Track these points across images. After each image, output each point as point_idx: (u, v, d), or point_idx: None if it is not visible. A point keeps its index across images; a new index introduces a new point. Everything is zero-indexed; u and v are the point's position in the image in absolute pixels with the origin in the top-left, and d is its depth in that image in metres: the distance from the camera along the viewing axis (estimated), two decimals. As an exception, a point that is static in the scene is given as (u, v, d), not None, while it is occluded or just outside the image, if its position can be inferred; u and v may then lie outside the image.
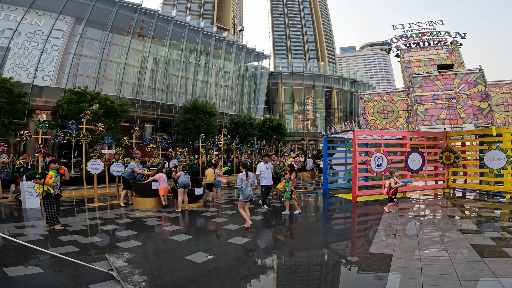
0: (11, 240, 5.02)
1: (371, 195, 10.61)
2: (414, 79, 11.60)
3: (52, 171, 6.59)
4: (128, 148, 13.98)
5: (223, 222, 7.30)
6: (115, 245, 5.42)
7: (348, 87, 54.27)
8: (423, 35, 14.55)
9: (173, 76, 35.91)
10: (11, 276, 3.81)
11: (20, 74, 24.22)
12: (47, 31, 26.96)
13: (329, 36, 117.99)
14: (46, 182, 6.47)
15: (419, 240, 5.54)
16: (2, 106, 18.21)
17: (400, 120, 13.19)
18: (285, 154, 12.75)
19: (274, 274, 4.31)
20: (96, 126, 11.25)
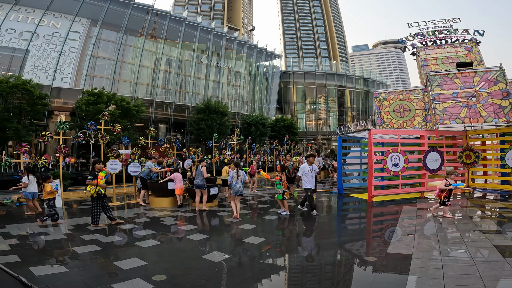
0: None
1: (387, 195, 10.44)
2: (432, 77, 11.33)
3: (102, 172, 6.86)
4: (144, 148, 14.21)
5: (237, 221, 7.34)
6: (134, 244, 5.53)
7: (361, 86, 53.47)
8: (440, 33, 14.25)
9: (185, 77, 36.30)
10: (37, 276, 3.92)
11: (39, 76, 24.98)
12: (64, 33, 27.69)
13: (340, 34, 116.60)
14: (98, 183, 6.71)
15: (439, 241, 5.42)
16: (23, 108, 18.82)
17: (417, 119, 12.90)
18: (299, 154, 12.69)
19: (290, 273, 4.30)
20: (113, 126, 11.50)
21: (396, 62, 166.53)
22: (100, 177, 6.79)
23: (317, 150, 38.39)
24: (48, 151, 22.82)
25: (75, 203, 10.18)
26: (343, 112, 52.65)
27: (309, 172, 8.13)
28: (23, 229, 6.55)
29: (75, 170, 19.96)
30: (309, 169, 8.16)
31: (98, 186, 6.72)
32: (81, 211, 9.00)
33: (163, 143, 15.58)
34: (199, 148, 22.75)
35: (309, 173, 8.12)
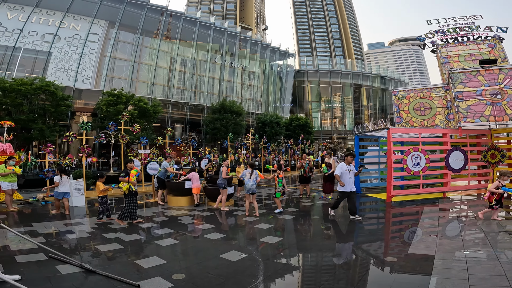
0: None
1: (407, 195, 10.19)
2: (454, 74, 10.96)
3: (133, 170, 7.12)
4: (162, 148, 14.49)
5: (254, 221, 7.36)
6: (154, 242, 5.64)
7: (378, 84, 52.38)
8: (461, 30, 13.87)
9: (200, 77, 36.69)
10: (63, 274, 4.04)
11: (62, 78, 25.84)
12: (84, 35, 28.53)
13: (355, 32, 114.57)
14: (130, 180, 6.97)
15: (463, 241, 5.26)
16: (47, 109, 19.56)
17: (439, 117, 12.52)
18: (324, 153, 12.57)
19: (307, 273, 4.27)
20: (133, 127, 11.77)
21: (415, 59, 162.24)
22: (131, 175, 7.03)
23: (333, 149, 37.90)
24: (71, 151, 23.62)
25: (97, 202, 10.48)
26: (359, 110, 51.74)
27: (347, 172, 7.44)
28: (49, 227, 6.80)
29: (97, 169, 20.57)
30: (346, 168, 7.47)
31: (130, 183, 6.96)
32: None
33: (180, 142, 15.82)
34: (215, 148, 22.96)
35: (346, 173, 7.44)
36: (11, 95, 17.82)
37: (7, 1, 25.60)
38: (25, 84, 18.41)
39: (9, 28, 25.47)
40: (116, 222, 7.02)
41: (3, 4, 25.39)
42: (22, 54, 25.56)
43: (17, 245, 5.36)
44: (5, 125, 9.98)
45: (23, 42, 25.68)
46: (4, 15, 25.52)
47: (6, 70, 23.89)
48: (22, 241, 5.55)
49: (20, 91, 17.98)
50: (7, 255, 4.76)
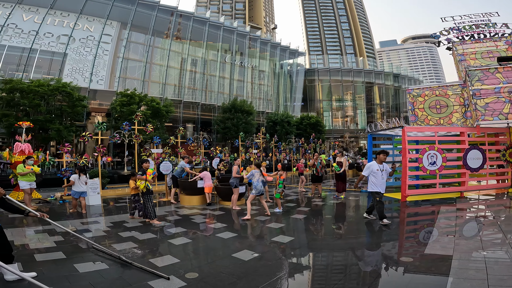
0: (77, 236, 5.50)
1: (422, 195, 9.97)
2: (471, 72, 10.65)
3: (150, 169, 7.33)
4: (174, 148, 14.64)
5: (266, 220, 7.34)
6: (167, 241, 5.70)
7: (391, 82, 51.48)
8: (477, 27, 13.56)
9: (211, 76, 36.91)
10: (81, 272, 4.12)
11: (77, 79, 26.43)
12: (97, 36, 29.10)
13: (366, 30, 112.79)
14: (147, 178, 7.15)
15: (481, 241, 5.12)
16: (64, 110, 20.06)
17: (456, 115, 12.20)
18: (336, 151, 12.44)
19: (321, 273, 4.22)
20: (146, 126, 11.94)
21: (429, 57, 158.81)
22: (148, 173, 7.18)
23: (345, 148, 37.46)
24: (87, 150, 24.16)
25: (112, 201, 10.68)
26: (372, 109, 50.99)
27: (379, 172, 6.66)
28: (66, 226, 6.96)
29: (111, 168, 20.97)
30: (378, 168, 6.68)
31: (147, 181, 7.14)
32: (118, 208, 9.43)
33: (192, 142, 15.96)
34: (226, 147, 23.04)
35: (378, 173, 6.65)
36: (29, 96, 18.34)
37: (22, 2, 26.25)
38: (42, 85, 18.91)
39: (25, 29, 26.17)
40: (148, 223, 7.08)
41: (18, 6, 26.07)
42: (38, 55, 26.27)
43: (36, 243, 5.50)
44: (24, 126, 10.29)
45: (39, 43, 26.34)
46: (20, 17, 26.22)
47: (24, 72, 24.61)
48: (40, 240, 5.71)
49: (37, 92, 18.48)
50: (26, 254, 4.90)
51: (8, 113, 17.88)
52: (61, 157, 11.06)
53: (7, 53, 24.96)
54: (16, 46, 25.49)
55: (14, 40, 25.55)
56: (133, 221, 7.47)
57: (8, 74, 23.00)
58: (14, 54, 25.35)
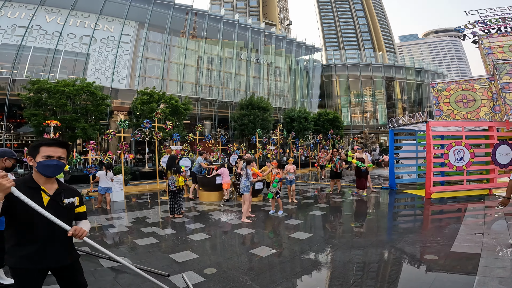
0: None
1: (448, 192, 9.59)
2: (499, 65, 10.15)
3: (182, 166, 7.78)
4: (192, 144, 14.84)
5: (283, 217, 7.30)
6: (186, 237, 5.77)
7: (412, 77, 49.75)
8: (503, 20, 12.97)
9: (227, 74, 37.09)
10: (105, 267, 4.26)
11: (100, 79, 27.30)
12: (117, 36, 29.88)
13: (384, 24, 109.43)
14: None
15: (511, 240, 4.85)
16: (88, 109, 20.80)
17: (484, 109, 11.61)
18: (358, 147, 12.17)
19: (338, 270, 4.14)
20: (165, 124, 12.16)
21: (453, 51, 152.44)
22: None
23: (365, 144, 36.67)
24: (110, 148, 24.97)
25: (134, 197, 10.99)
26: (393, 104, 49.52)
27: None
28: (92, 221, 7.22)
29: (133, 165, 21.55)
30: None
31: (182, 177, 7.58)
32: (139, 204, 9.68)
33: (210, 139, 16.14)
34: (243, 144, 23.11)
35: None
36: (56, 96, 19.10)
37: (44, 3, 27.27)
38: (68, 85, 19.64)
39: (49, 31, 27.19)
40: (176, 217, 7.35)
41: (41, 7, 27.09)
42: (63, 56, 27.29)
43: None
44: (52, 124, 10.74)
45: (63, 44, 27.32)
46: (43, 18, 27.25)
47: (50, 72, 25.66)
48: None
49: (64, 92, 19.21)
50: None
51: (37, 113, 18.70)
52: (87, 154, 11.47)
53: (33, 54, 26.07)
54: (41, 47, 26.51)
55: (39, 42, 26.60)
56: (154, 217, 7.64)
57: (35, 75, 24.05)
58: (40, 55, 26.41)
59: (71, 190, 2.40)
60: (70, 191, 2.37)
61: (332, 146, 26.16)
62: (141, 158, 23.80)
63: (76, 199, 2.37)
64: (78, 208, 2.38)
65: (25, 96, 19.20)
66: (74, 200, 2.35)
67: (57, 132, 11.17)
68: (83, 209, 2.43)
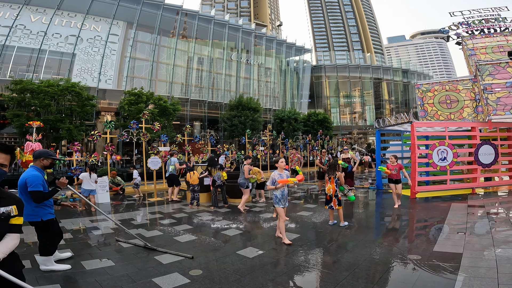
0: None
1: (432, 191, 9.80)
2: (482, 66, 10.43)
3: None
4: (181, 145, 14.71)
5: (271, 218, 7.31)
6: (173, 239, 5.71)
7: (399, 78, 50.70)
8: (486, 21, 13.34)
9: (217, 74, 36.97)
10: (87, 270, 4.19)
11: (86, 79, 26.80)
12: (105, 36, 29.40)
13: (373, 26, 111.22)
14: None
15: (493, 239, 4.98)
16: (73, 109, 20.39)
17: (467, 110, 11.94)
18: (345, 147, 12.32)
19: (326, 270, 4.17)
20: (153, 125, 12.03)
21: (439, 52, 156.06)
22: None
23: (352, 144, 37.14)
24: (96, 149, 24.53)
25: (121, 199, 10.80)
26: (381, 105, 50.34)
27: None
28: (76, 223, 7.07)
29: (121, 167, 21.23)
30: None
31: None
32: (126, 206, 9.53)
33: (199, 140, 16.04)
34: (233, 144, 23.07)
35: None
36: (39, 96, 18.65)
37: (29, 3, 26.61)
38: (52, 86, 19.21)
39: (34, 30, 26.55)
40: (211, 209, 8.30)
41: (26, 7, 26.44)
42: (47, 56, 26.68)
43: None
44: (34, 125, 10.47)
45: (48, 44, 26.71)
46: (28, 18, 26.62)
47: (34, 72, 25.03)
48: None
49: (47, 92, 18.78)
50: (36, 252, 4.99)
51: (19, 113, 18.23)
52: (72, 156, 11.23)
53: (17, 54, 25.40)
54: (26, 47, 25.88)
55: (23, 41, 25.95)
56: (141, 219, 7.54)
57: (19, 75, 23.43)
58: (24, 55, 25.77)
59: (10, 198, 2.11)
60: (8, 199, 2.09)
61: (321, 146, 26.38)
62: (129, 159, 23.46)
63: (13, 208, 2.08)
64: (13, 219, 2.09)
65: (8, 96, 18.70)
66: (10, 210, 2.06)
67: (40, 133, 10.88)
68: (18, 221, 2.13)
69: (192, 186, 8.78)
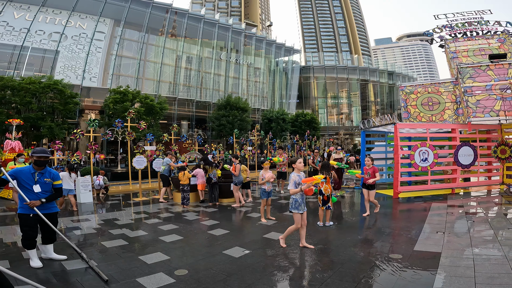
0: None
1: (415, 191, 10.06)
2: (463, 69, 10.75)
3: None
4: (168, 145, 14.56)
5: (258, 217, 7.33)
6: (158, 239, 5.66)
7: (385, 80, 51.75)
8: (469, 24, 13.71)
9: (206, 74, 36.77)
10: (68, 270, 4.12)
11: (70, 76, 26.19)
12: (90, 33, 28.79)
13: (361, 27, 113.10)
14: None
15: (471, 238, 5.16)
16: (55, 107, 19.87)
17: (448, 112, 12.31)
18: (338, 148, 12.46)
19: (310, 270, 4.23)
20: (139, 124, 11.86)
21: (423, 55, 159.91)
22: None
23: (339, 144, 37.63)
24: (79, 148, 23.97)
25: (105, 198, 10.60)
26: (367, 106, 51.27)
27: None
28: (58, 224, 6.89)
29: (105, 166, 20.84)
30: None
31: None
32: (111, 206, 9.37)
33: (186, 139, 15.90)
34: (220, 144, 22.99)
35: None
36: (20, 94, 18.12)
37: (13, 0, 25.87)
38: (34, 83, 18.69)
39: (16, 27, 25.83)
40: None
41: (9, 3, 25.72)
42: (30, 53, 25.95)
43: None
44: (14, 123, 10.15)
45: (31, 41, 26.04)
46: (11, 14, 25.87)
47: (15, 69, 24.29)
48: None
49: (28, 89, 18.26)
50: (15, 252, 4.86)
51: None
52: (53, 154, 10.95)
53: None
54: (7, 44, 25.16)
55: (5, 38, 25.22)
56: (125, 219, 7.43)
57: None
58: (5, 51, 25.03)
59: None
60: None
61: (309, 147, 26.61)
62: (114, 158, 23.03)
63: None
64: None
65: (-13, 93, 18.03)
66: None
67: (20, 131, 10.55)
68: None
69: (183, 186, 8.72)
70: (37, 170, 4.30)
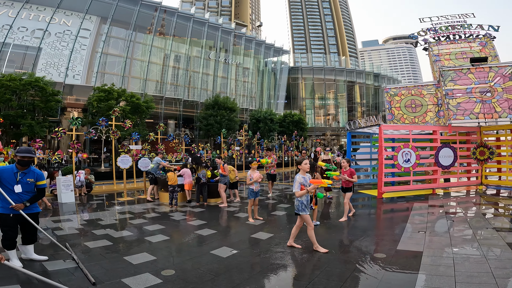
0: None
1: (398, 192, 10.31)
2: (445, 72, 11.08)
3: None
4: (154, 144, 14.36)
5: (246, 217, 7.35)
6: (144, 239, 5.60)
7: (371, 81, 52.80)
8: (453, 28, 14.06)
9: (194, 73, 36.48)
10: (50, 270, 4.03)
11: (52, 74, 25.46)
12: (75, 31, 28.11)
13: (349, 30, 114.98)
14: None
15: (450, 238, 5.33)
16: (36, 105, 19.30)
17: (430, 114, 12.66)
18: (327, 149, 12.61)
19: (297, 269, 4.28)
20: (124, 122, 11.65)
21: (408, 57, 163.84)
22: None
23: (326, 145, 38.12)
24: (61, 146, 23.33)
25: (88, 198, 10.37)
26: (353, 107, 52.15)
27: None
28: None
29: (88, 165, 20.35)
30: None
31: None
32: (94, 205, 9.17)
33: (173, 138, 15.74)
34: (208, 144, 22.86)
35: None
36: (0, 91, 17.50)
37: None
38: (14, 80, 18.12)
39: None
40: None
41: (-9, 0, 24.86)
42: (11, 49, 25.17)
43: None
44: (-8, 121, 9.78)
45: (13, 38, 25.30)
46: (-8, 11, 25.01)
47: (-5, 66, 23.43)
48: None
49: (9, 86, 17.70)
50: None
51: (-23, 108, 17.00)
52: (34, 153, 10.61)
53: (-22, 46, 23.73)
54: (-12, 40, 24.33)
55: (-14, 34, 24.36)
56: (109, 218, 7.30)
57: (-22, 68, 21.81)
58: (-15, 48, 24.17)
59: None
60: None
61: (297, 147, 26.83)
62: (97, 157, 22.54)
63: None
64: None
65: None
66: None
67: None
68: None
69: (172, 186, 8.67)
70: (20, 169, 4.18)
